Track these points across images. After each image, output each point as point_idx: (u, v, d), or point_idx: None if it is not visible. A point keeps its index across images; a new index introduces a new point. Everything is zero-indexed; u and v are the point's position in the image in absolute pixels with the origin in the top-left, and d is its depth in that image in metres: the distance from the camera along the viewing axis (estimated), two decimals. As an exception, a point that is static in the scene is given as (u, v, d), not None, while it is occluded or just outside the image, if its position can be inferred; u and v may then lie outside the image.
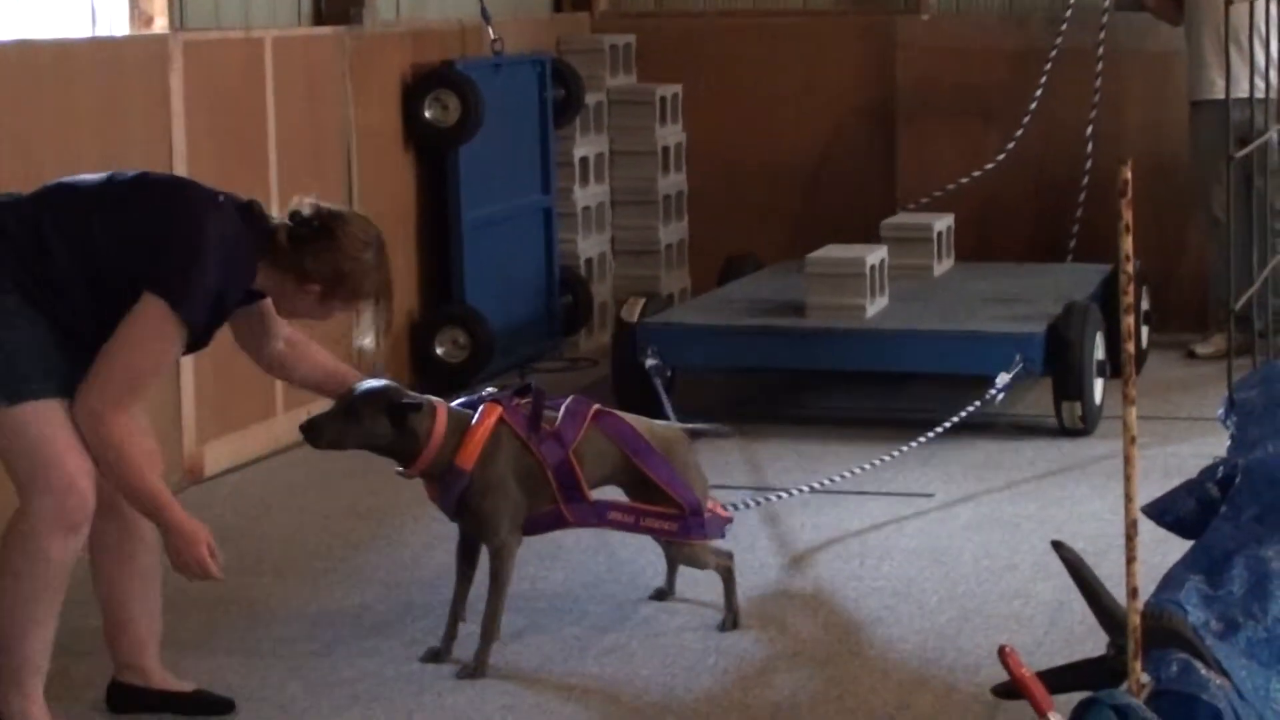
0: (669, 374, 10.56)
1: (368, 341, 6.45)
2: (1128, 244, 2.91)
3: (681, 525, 7.04)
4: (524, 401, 6.86)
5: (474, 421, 6.68)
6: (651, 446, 7.07)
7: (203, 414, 9.78)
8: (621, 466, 7.01)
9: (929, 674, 7.06)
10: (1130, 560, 2.99)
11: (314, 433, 6.58)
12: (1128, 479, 3.00)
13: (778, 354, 10.73)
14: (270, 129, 10.29)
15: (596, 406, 7.04)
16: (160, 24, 10.04)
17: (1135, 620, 3.05)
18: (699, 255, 13.26)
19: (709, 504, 7.30)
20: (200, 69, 9.73)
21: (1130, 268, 2.99)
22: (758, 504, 8.77)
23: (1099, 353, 10.41)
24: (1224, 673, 3.23)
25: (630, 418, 7.19)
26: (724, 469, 9.27)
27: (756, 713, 6.73)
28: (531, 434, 6.76)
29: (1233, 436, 4.45)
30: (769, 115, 13.46)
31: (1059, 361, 10.12)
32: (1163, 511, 4.06)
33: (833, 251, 10.98)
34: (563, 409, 6.88)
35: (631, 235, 13.09)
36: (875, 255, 10.83)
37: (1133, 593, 3.02)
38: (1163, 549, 4.21)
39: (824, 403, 10.08)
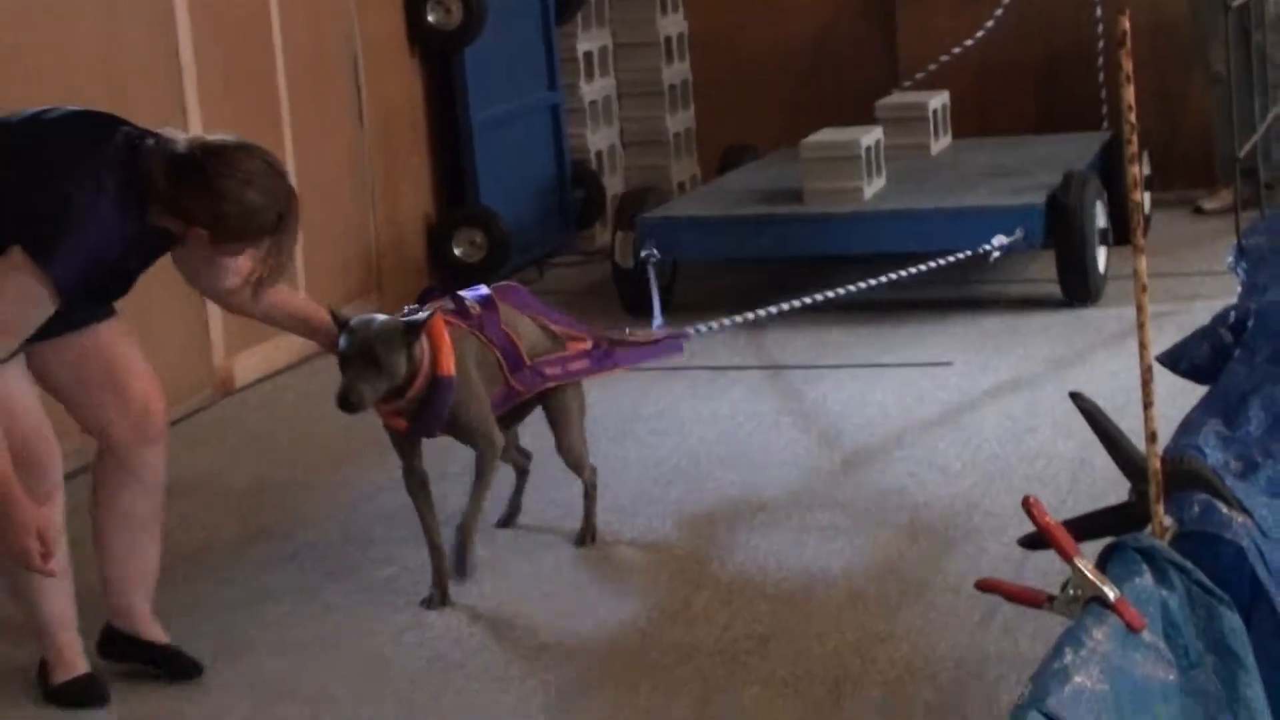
0: (672, 268, 10.63)
1: (267, 278, 5.86)
2: (1129, 94, 2.92)
3: (594, 357, 6.96)
4: (440, 303, 6.60)
5: (431, 334, 6.35)
6: (529, 293, 7.09)
7: (230, 326, 9.81)
8: (535, 332, 6.87)
9: (957, 537, 7.11)
10: (1147, 405, 3.00)
11: (351, 402, 6.18)
12: (1140, 326, 3.01)
13: (777, 242, 10.56)
14: (276, 42, 10.31)
15: (496, 286, 6.94)
16: (161, -61, 10.02)
17: (1155, 465, 3.06)
18: (706, 144, 13.26)
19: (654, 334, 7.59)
20: (208, 7, 9.74)
21: (1133, 117, 3.00)
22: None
23: (1101, 221, 10.26)
24: (1245, 511, 3.25)
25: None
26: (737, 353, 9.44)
27: (790, 586, 6.77)
28: (470, 322, 6.58)
29: (1243, 283, 4.47)
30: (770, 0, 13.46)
31: (1061, 231, 9.98)
32: (1178, 359, 4.08)
33: (827, 135, 10.83)
34: (475, 297, 6.72)
35: (639, 127, 13.08)
36: (870, 137, 10.67)
37: (1151, 437, 3.03)
38: (1180, 400, 4.22)
39: (829, 287, 10.02)
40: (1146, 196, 11.26)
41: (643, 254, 10.04)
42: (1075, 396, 3.30)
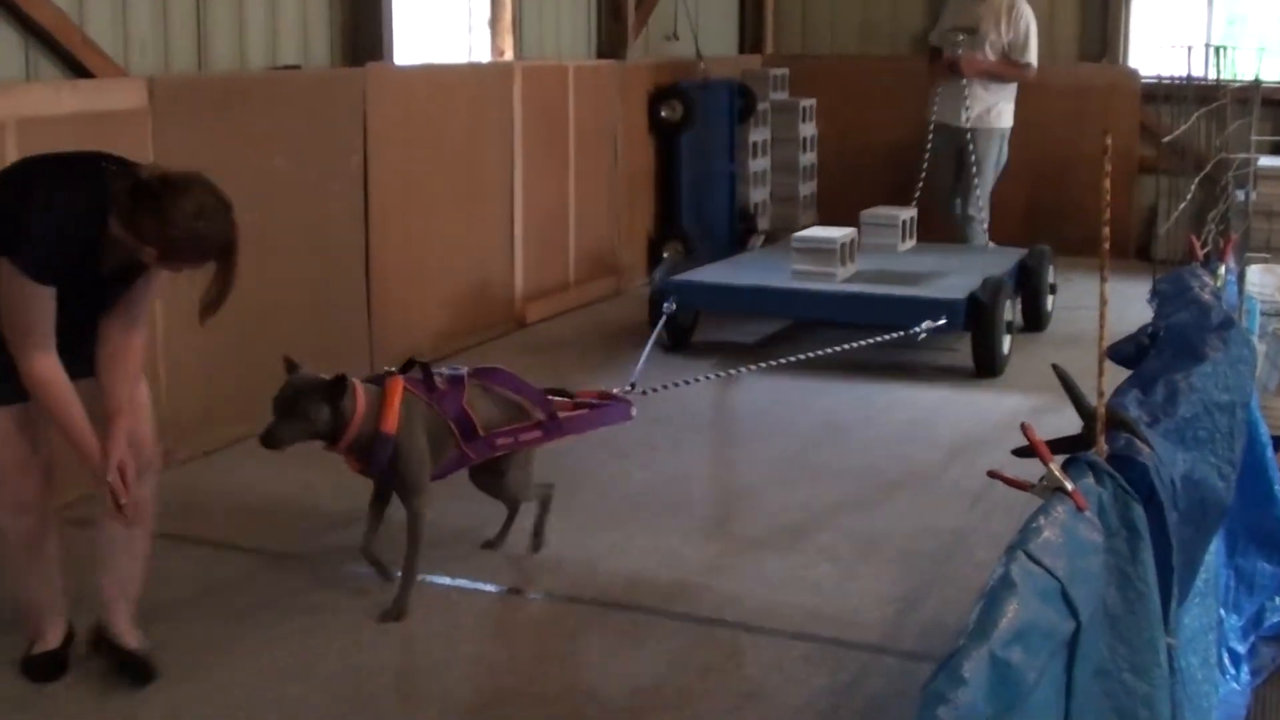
0: (694, 316, 9.31)
1: (205, 312, 4.32)
2: (1106, 182, 2.86)
3: (545, 431, 5.52)
4: (412, 373, 5.31)
5: (385, 393, 5.08)
6: (509, 373, 5.58)
7: (527, 282, 9.95)
8: (499, 402, 5.45)
9: (958, 454, 7.05)
10: (1100, 375, 2.98)
11: (273, 440, 4.85)
12: (1102, 322, 2.98)
13: (767, 305, 9.16)
14: (570, 123, 10.36)
15: (470, 368, 5.47)
16: (508, 55, 10.11)
17: (1101, 412, 3.04)
18: (823, 203, 13.15)
19: (615, 390, 6.08)
20: (531, 84, 9.82)
21: (1107, 183, 2.91)
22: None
23: (1008, 314, 8.82)
24: (1150, 445, 3.22)
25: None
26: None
27: (851, 487, 6.71)
28: (431, 395, 5.22)
29: (1155, 311, 4.44)
30: (866, 118, 13.33)
31: (976, 320, 8.53)
32: (1115, 353, 4.07)
33: (813, 231, 9.45)
34: (449, 374, 5.36)
35: (782, 190, 12.94)
36: (845, 235, 9.19)
37: (1099, 395, 3.01)
38: (1115, 377, 4.17)
39: (809, 343, 8.60)
40: (1050, 300, 10.02)
41: (664, 305, 8.72)
42: (1055, 366, 3.28)
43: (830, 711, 4.53)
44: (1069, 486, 2.75)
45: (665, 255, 11.45)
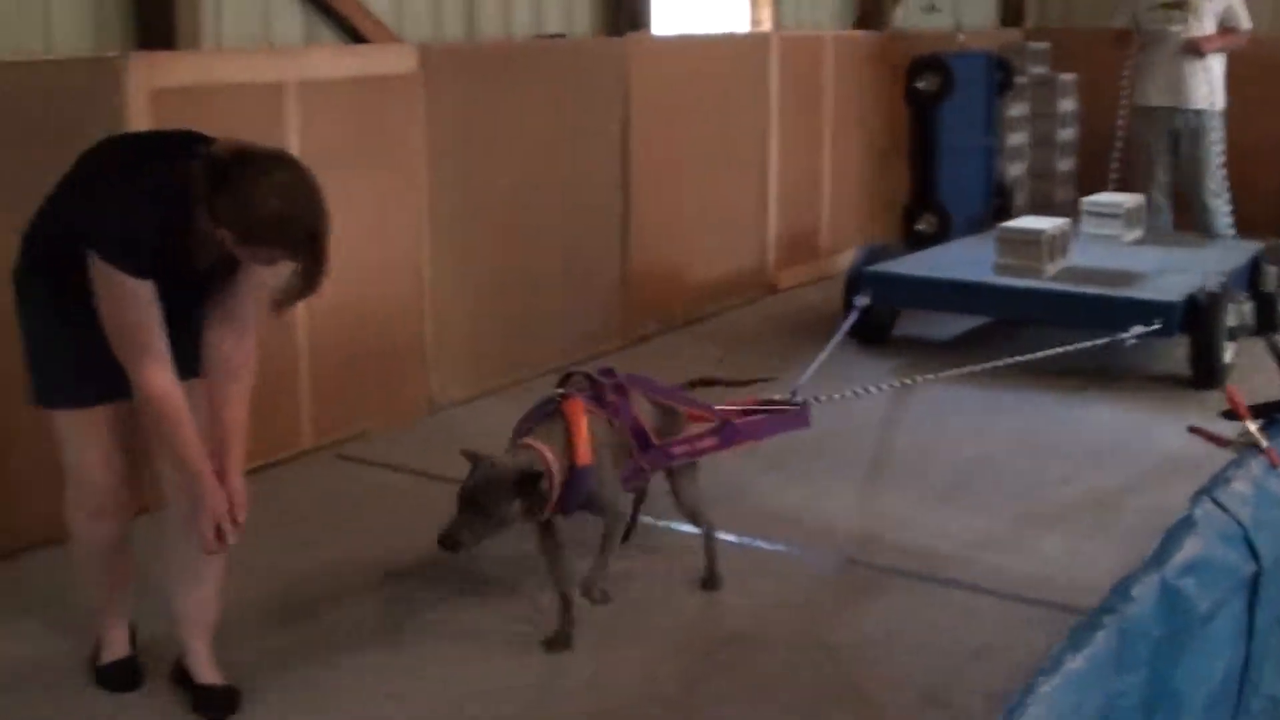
0: (893, 311, 8.79)
1: (280, 303, 3.95)
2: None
3: (723, 436, 5.29)
4: (577, 385, 4.97)
5: (569, 422, 4.72)
6: (672, 389, 5.32)
7: (780, 251, 10.17)
8: (662, 412, 5.15)
9: (1166, 434, 6.87)
10: (1305, 342, 3.15)
11: (453, 543, 4.38)
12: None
13: (966, 303, 8.49)
14: (828, 92, 10.55)
15: (627, 375, 5.10)
16: (766, 25, 10.34)
17: (1307, 378, 3.21)
18: (1082, 180, 13.05)
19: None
20: (788, 55, 10.07)
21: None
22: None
23: (1234, 318, 7.84)
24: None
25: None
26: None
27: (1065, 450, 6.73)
28: (605, 407, 4.88)
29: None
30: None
31: (1194, 324, 7.73)
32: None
33: (1022, 222, 8.85)
34: (609, 386, 4.97)
35: (1039, 165, 12.90)
36: (1056, 227, 8.54)
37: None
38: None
39: (1013, 340, 8.33)
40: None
41: (856, 299, 8.22)
42: (1267, 337, 3.43)
43: (1051, 669, 4.70)
44: (1264, 444, 2.93)
45: (920, 228, 11.55)
